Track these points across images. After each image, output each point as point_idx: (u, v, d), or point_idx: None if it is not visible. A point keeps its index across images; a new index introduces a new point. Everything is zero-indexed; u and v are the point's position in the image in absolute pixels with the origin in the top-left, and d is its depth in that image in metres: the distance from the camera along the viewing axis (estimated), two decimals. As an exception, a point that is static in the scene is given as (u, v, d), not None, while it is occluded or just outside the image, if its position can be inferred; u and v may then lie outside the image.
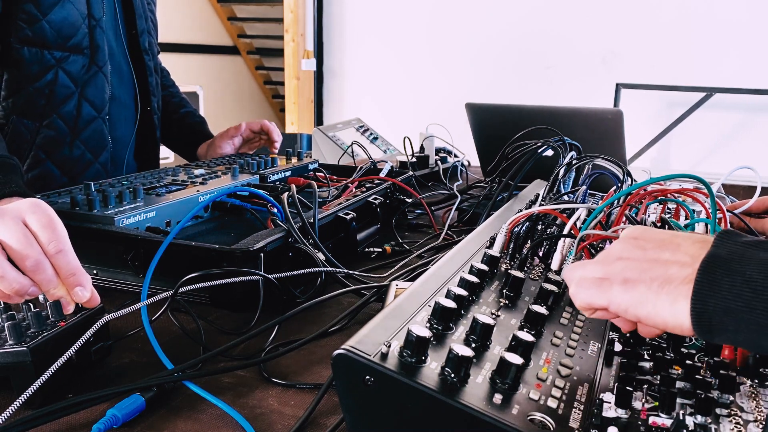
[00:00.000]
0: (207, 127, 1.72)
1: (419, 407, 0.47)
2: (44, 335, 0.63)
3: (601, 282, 0.55)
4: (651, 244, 0.54)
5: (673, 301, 0.50)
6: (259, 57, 7.25)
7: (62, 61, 1.28)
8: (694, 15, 3.71)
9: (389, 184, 1.33)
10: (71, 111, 1.32)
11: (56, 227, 0.68)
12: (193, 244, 0.86)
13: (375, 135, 2.21)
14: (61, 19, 1.26)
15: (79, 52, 1.30)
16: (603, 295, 0.54)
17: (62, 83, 1.29)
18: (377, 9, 4.65)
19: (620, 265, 0.54)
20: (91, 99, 1.34)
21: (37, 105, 1.28)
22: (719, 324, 0.47)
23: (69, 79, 1.30)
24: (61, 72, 1.29)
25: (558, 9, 4.02)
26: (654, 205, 1.04)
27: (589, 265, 0.57)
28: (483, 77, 4.27)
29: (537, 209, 0.83)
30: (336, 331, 0.82)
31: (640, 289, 0.52)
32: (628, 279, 0.53)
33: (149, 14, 1.53)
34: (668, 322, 0.50)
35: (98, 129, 1.37)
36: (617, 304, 0.53)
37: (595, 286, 0.55)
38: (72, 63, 1.30)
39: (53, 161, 1.32)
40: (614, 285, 0.53)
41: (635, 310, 0.52)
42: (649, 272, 0.52)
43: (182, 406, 0.64)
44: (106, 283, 0.91)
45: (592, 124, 1.55)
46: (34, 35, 1.24)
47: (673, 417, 0.50)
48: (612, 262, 0.55)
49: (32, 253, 0.64)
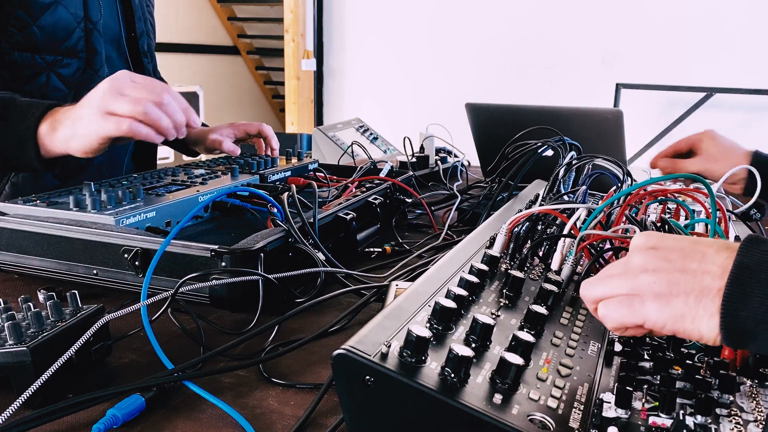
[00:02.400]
0: None
1: (419, 407, 0.47)
2: (44, 335, 0.63)
3: (632, 300, 0.52)
4: (674, 253, 0.52)
5: (711, 315, 0.49)
6: (259, 57, 7.25)
7: (54, 64, 1.27)
8: (694, 15, 3.71)
9: (389, 184, 1.33)
10: None
11: (153, 79, 1.05)
12: (193, 244, 0.86)
13: (375, 135, 2.21)
14: (52, 24, 1.25)
15: (74, 56, 1.29)
16: (636, 313, 0.52)
17: (54, 86, 1.28)
18: (377, 9, 4.65)
19: (647, 279, 0.52)
20: None
21: None
22: (750, 334, 0.47)
23: (62, 82, 1.29)
24: (53, 75, 1.28)
25: (558, 9, 4.02)
26: (654, 205, 1.04)
27: (611, 281, 0.55)
28: (483, 77, 4.27)
29: (537, 209, 0.83)
30: (336, 331, 0.82)
31: (676, 304, 0.50)
32: (660, 294, 0.51)
33: (148, 16, 1.52)
34: (704, 335, 0.49)
35: None
36: (653, 322, 0.51)
37: (626, 306, 0.53)
38: (66, 66, 1.29)
39: None
40: (647, 301, 0.51)
41: (673, 325, 0.50)
42: (683, 285, 0.50)
43: (182, 406, 0.64)
44: (106, 283, 0.91)
45: (592, 124, 1.55)
46: (24, 40, 1.23)
47: (673, 417, 0.50)
48: (637, 275, 0.53)
49: (153, 95, 0.99)
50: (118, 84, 1.00)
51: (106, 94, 0.99)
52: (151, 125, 1.00)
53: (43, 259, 0.93)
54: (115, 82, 1.01)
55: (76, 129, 1.01)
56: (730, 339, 0.48)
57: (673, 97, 3.78)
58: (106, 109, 0.98)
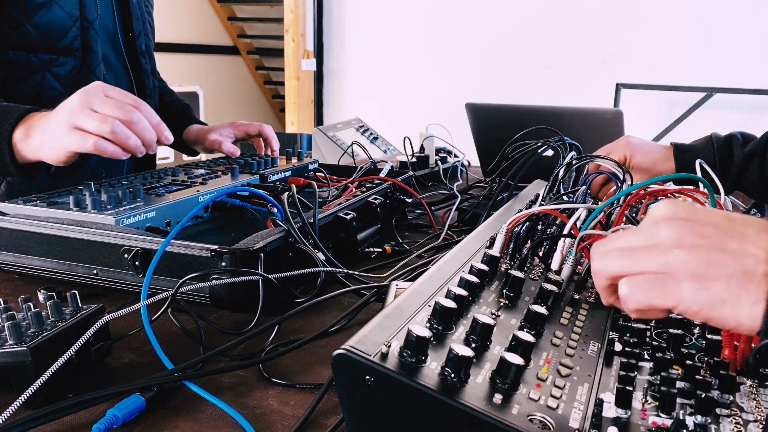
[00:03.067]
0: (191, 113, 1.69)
1: (419, 407, 0.47)
2: (44, 335, 0.63)
3: (664, 279, 0.46)
4: (710, 229, 0.46)
5: (755, 302, 0.44)
6: (259, 57, 7.26)
7: (49, 63, 1.27)
8: (694, 15, 3.71)
9: (389, 184, 1.33)
10: None
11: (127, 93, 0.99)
12: (192, 244, 0.86)
13: (375, 135, 2.21)
14: (46, 23, 1.25)
15: (70, 54, 1.29)
16: (670, 295, 0.46)
17: (49, 85, 1.28)
18: (377, 9, 4.65)
19: (682, 256, 0.46)
20: None
21: None
22: None
23: (57, 81, 1.29)
24: (48, 74, 1.27)
25: (558, 9, 4.02)
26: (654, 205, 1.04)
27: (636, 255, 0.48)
28: (483, 77, 4.27)
29: (537, 209, 0.83)
30: (336, 331, 0.82)
31: (716, 287, 0.45)
32: (698, 275, 0.45)
33: (146, 16, 1.52)
34: (743, 324, 0.45)
35: None
36: (688, 305, 0.46)
37: (657, 285, 0.47)
38: (61, 65, 1.28)
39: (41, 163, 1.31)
40: (682, 282, 0.46)
41: (710, 311, 0.45)
42: (723, 267, 0.45)
43: (182, 406, 0.64)
44: (106, 283, 0.91)
45: (592, 124, 1.55)
46: (18, 39, 1.23)
47: (673, 417, 0.50)
48: (669, 250, 0.46)
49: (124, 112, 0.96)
50: (88, 98, 0.97)
51: (75, 108, 0.97)
52: (118, 144, 0.98)
53: (43, 259, 0.93)
54: (86, 96, 0.98)
55: (46, 139, 1.00)
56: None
57: (673, 97, 3.78)
58: (73, 124, 0.97)
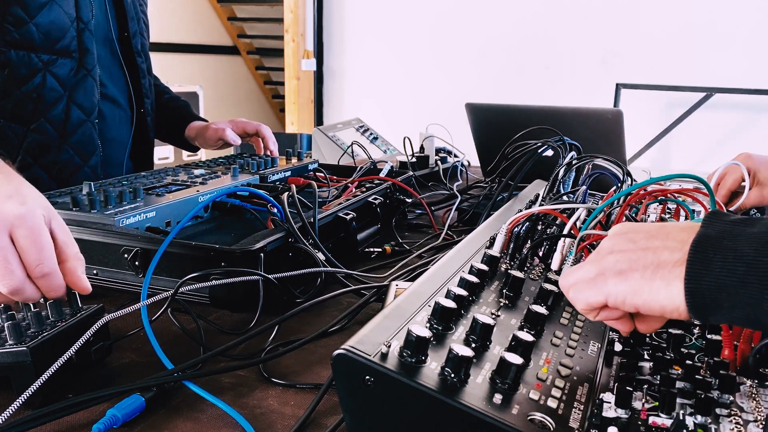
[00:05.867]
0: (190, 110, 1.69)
1: (419, 407, 0.47)
2: (44, 335, 0.63)
3: (596, 279, 0.55)
4: (640, 235, 0.55)
5: (668, 284, 0.50)
6: (259, 57, 7.25)
7: (50, 64, 1.27)
8: (694, 15, 3.71)
9: (389, 184, 1.33)
10: (59, 115, 1.30)
11: (43, 246, 0.66)
12: (193, 244, 0.86)
13: (375, 135, 2.21)
14: (48, 22, 1.25)
15: (68, 56, 1.29)
16: (600, 290, 0.54)
17: (50, 87, 1.28)
18: (377, 9, 4.64)
19: (612, 259, 0.54)
20: (80, 103, 1.32)
21: (26, 109, 1.26)
22: (714, 302, 0.48)
23: (57, 82, 1.29)
24: (48, 75, 1.27)
25: (558, 9, 4.02)
26: (654, 205, 1.04)
27: (583, 268, 0.57)
28: (483, 77, 4.27)
29: (537, 209, 0.83)
30: (336, 331, 0.82)
31: (634, 277, 0.52)
32: (621, 270, 0.53)
33: (141, 15, 1.52)
34: (665, 306, 0.50)
35: (87, 133, 1.35)
36: (614, 296, 0.53)
37: (591, 285, 0.55)
38: (60, 66, 1.28)
39: (40, 165, 1.31)
40: (608, 278, 0.54)
41: (632, 299, 0.52)
42: (642, 260, 0.52)
43: (182, 406, 0.64)
44: (106, 283, 0.91)
45: (592, 124, 1.55)
46: (21, 38, 1.23)
47: (673, 417, 0.50)
48: (603, 257, 0.55)
49: (12, 281, 0.64)
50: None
51: None
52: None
53: (43, 259, 0.92)
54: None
55: None
56: (694, 307, 0.49)
57: (673, 97, 3.78)
58: None
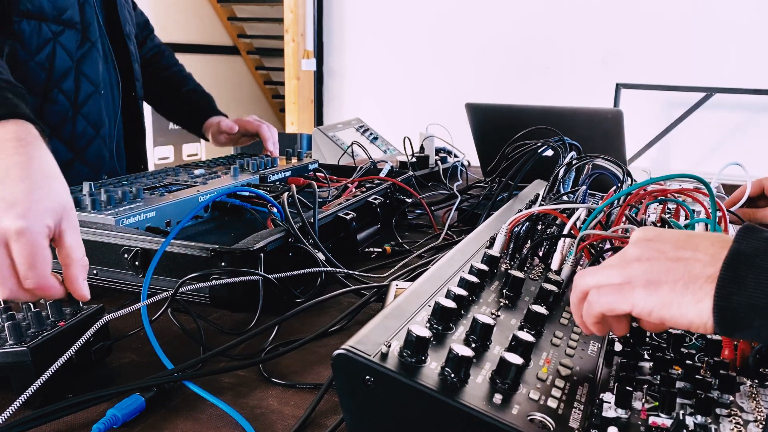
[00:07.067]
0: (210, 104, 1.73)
1: (419, 407, 0.47)
2: (44, 335, 0.63)
3: (622, 287, 0.53)
4: (669, 245, 0.53)
5: (698, 300, 0.49)
6: (259, 57, 7.25)
7: (58, 34, 1.30)
8: (694, 15, 3.71)
9: (389, 184, 1.33)
10: (71, 86, 1.34)
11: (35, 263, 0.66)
12: (193, 244, 0.86)
13: (375, 135, 2.21)
14: None
15: (72, 27, 1.32)
16: (625, 299, 0.52)
17: (60, 56, 1.31)
18: (377, 9, 4.64)
19: (640, 268, 0.53)
20: (87, 74, 1.36)
21: (39, 79, 1.29)
22: (744, 320, 0.47)
23: (66, 53, 1.32)
24: (58, 46, 1.30)
25: (558, 9, 4.02)
26: (654, 205, 1.04)
27: (605, 271, 0.55)
28: (483, 77, 4.27)
29: (537, 209, 0.83)
30: (336, 331, 0.82)
31: (664, 290, 0.51)
32: (650, 281, 0.52)
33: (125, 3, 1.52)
34: (693, 322, 0.49)
35: (96, 103, 1.39)
36: (641, 307, 0.52)
37: (616, 291, 0.53)
38: (67, 37, 1.31)
39: (58, 137, 1.34)
40: (636, 288, 0.52)
41: (660, 312, 0.51)
42: (672, 273, 0.51)
43: (182, 406, 0.64)
44: (106, 283, 0.91)
45: (592, 124, 1.55)
46: (32, 7, 1.26)
47: (673, 417, 0.50)
48: (629, 264, 0.54)
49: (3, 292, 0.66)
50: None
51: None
52: None
53: (43, 259, 0.92)
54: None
55: None
56: (722, 325, 0.48)
57: (673, 97, 3.78)
58: None
